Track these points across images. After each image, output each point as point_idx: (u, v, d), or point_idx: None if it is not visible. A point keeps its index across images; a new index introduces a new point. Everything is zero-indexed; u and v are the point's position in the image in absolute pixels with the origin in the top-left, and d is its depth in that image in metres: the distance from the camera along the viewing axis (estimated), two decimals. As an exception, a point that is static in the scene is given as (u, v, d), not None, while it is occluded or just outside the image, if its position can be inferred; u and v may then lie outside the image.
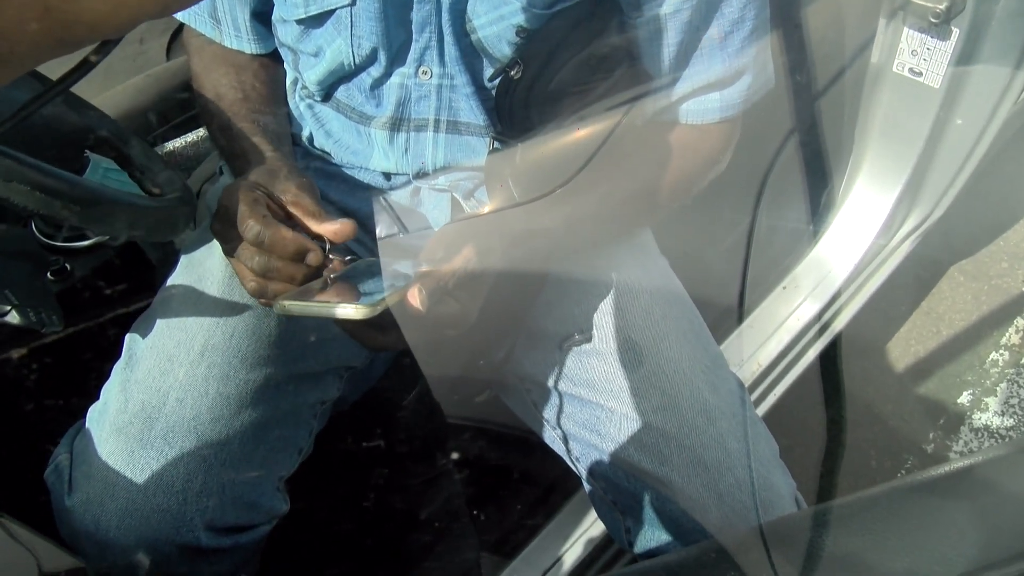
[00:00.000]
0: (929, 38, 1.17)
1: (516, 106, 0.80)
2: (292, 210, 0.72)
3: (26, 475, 0.81)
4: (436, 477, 1.10)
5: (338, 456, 1.07)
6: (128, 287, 1.00)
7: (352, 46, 0.81)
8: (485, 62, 0.82)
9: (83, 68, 0.35)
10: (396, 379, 1.03)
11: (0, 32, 0.27)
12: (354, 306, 0.60)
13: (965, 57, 1.17)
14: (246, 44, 0.89)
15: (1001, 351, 1.81)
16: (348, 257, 0.72)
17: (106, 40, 0.33)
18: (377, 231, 0.94)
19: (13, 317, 0.67)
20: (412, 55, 0.81)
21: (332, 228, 0.70)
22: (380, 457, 1.11)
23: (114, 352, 0.84)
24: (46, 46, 0.29)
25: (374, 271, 0.70)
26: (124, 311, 1.00)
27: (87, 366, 0.96)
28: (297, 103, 0.93)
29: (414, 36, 0.80)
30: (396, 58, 0.82)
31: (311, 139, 0.93)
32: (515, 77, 0.79)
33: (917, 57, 1.19)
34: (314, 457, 0.89)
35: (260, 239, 0.67)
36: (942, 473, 0.48)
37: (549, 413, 0.89)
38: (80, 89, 0.93)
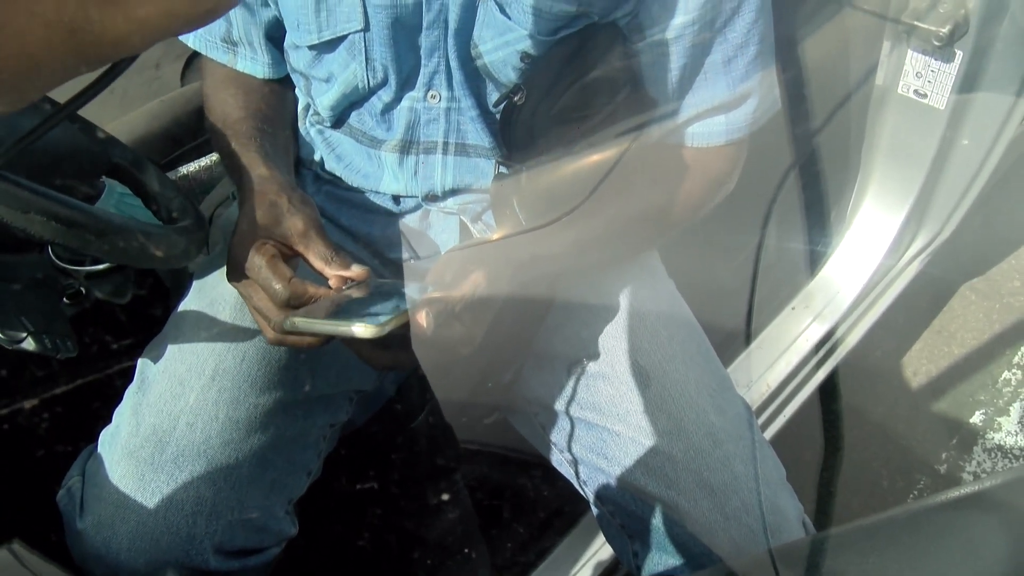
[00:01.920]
0: (933, 60, 1.18)
1: (520, 131, 0.81)
2: (301, 251, 0.73)
3: (40, 498, 0.82)
4: (445, 499, 1.10)
5: (347, 479, 1.08)
6: (142, 311, 1.01)
7: (367, 70, 0.82)
8: (491, 86, 0.83)
9: (95, 88, 0.36)
10: (405, 402, 1.04)
11: (27, 52, 0.28)
12: (362, 325, 0.61)
13: (969, 78, 1.17)
14: (260, 67, 0.91)
15: (1014, 370, 1.80)
16: (351, 285, 0.73)
17: (119, 61, 0.34)
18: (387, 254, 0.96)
19: (28, 344, 0.69)
20: (422, 79, 0.82)
21: (346, 275, 0.71)
22: (389, 480, 1.11)
23: (127, 375, 0.85)
24: (71, 65, 0.30)
25: (382, 291, 0.71)
26: (137, 333, 1.01)
27: (100, 389, 0.98)
28: (308, 129, 0.94)
29: (423, 61, 0.81)
30: (406, 83, 0.83)
31: (322, 164, 0.94)
32: (518, 103, 0.80)
33: (922, 79, 1.20)
34: (323, 479, 0.90)
35: (290, 303, 0.69)
36: (956, 496, 0.48)
37: (556, 436, 0.89)
38: (96, 114, 0.95)
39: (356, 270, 0.71)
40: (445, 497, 1.10)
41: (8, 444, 0.96)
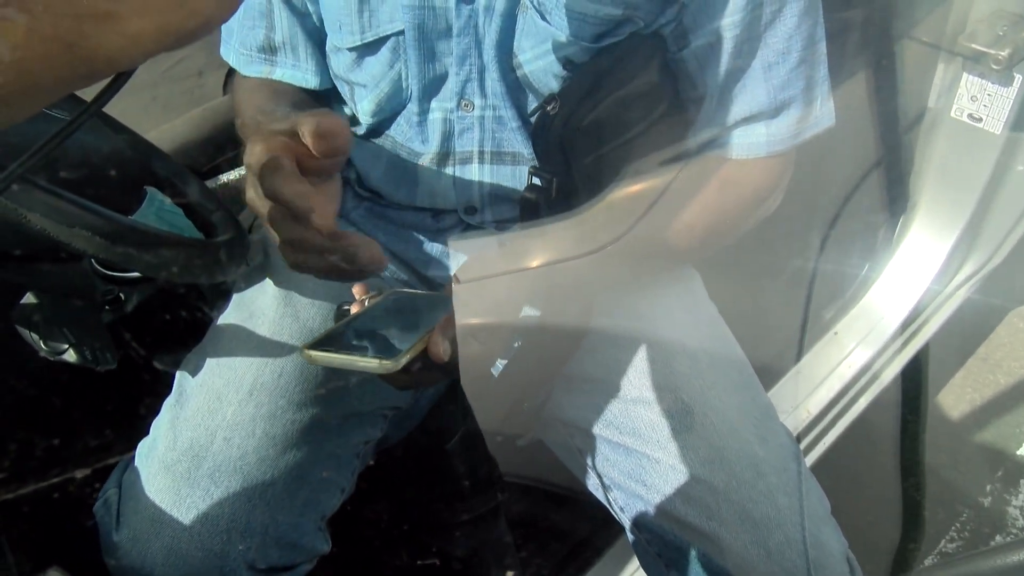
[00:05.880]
0: (990, 84, 1.14)
1: (552, 141, 0.80)
2: (296, 128, 0.60)
3: (78, 510, 0.82)
4: (477, 520, 1.09)
5: (380, 496, 1.07)
6: (181, 321, 1.01)
7: (408, 71, 0.81)
8: (531, 96, 0.82)
9: (106, 96, 0.36)
10: (440, 420, 1.03)
11: (26, 68, 0.29)
12: (377, 361, 0.61)
13: (1028, 103, 1.14)
14: (300, 74, 0.87)
15: (1063, 401, 1.75)
16: (373, 292, 0.72)
17: (121, 73, 0.35)
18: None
19: (70, 356, 0.69)
20: (453, 88, 0.81)
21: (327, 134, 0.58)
22: (421, 498, 1.10)
23: (165, 386, 0.85)
24: (68, 80, 0.31)
25: (402, 307, 0.70)
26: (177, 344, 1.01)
27: (139, 401, 0.98)
28: (349, 141, 0.94)
29: (455, 69, 0.80)
30: (436, 90, 0.82)
31: (360, 180, 0.94)
32: (552, 113, 0.79)
33: (977, 103, 1.17)
34: (356, 497, 0.89)
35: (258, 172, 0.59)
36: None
37: (593, 460, 0.88)
38: (138, 122, 0.95)
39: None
40: (478, 518, 1.08)
41: (47, 452, 0.96)
